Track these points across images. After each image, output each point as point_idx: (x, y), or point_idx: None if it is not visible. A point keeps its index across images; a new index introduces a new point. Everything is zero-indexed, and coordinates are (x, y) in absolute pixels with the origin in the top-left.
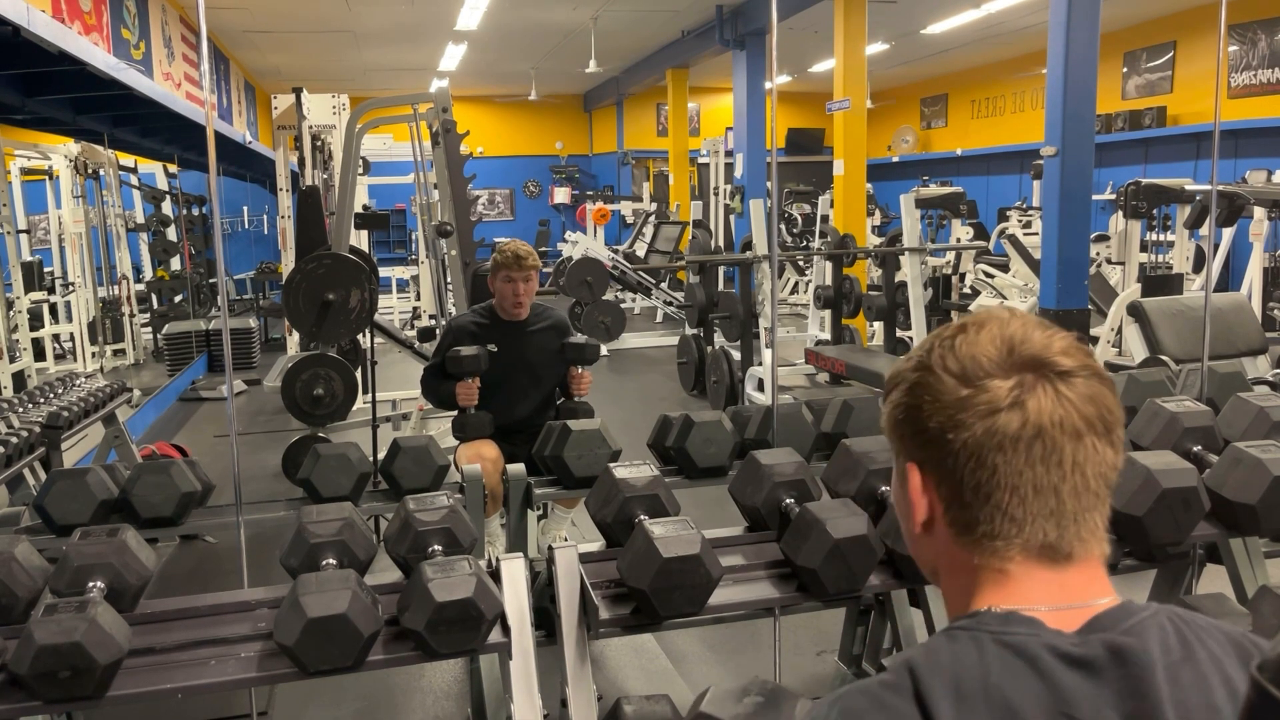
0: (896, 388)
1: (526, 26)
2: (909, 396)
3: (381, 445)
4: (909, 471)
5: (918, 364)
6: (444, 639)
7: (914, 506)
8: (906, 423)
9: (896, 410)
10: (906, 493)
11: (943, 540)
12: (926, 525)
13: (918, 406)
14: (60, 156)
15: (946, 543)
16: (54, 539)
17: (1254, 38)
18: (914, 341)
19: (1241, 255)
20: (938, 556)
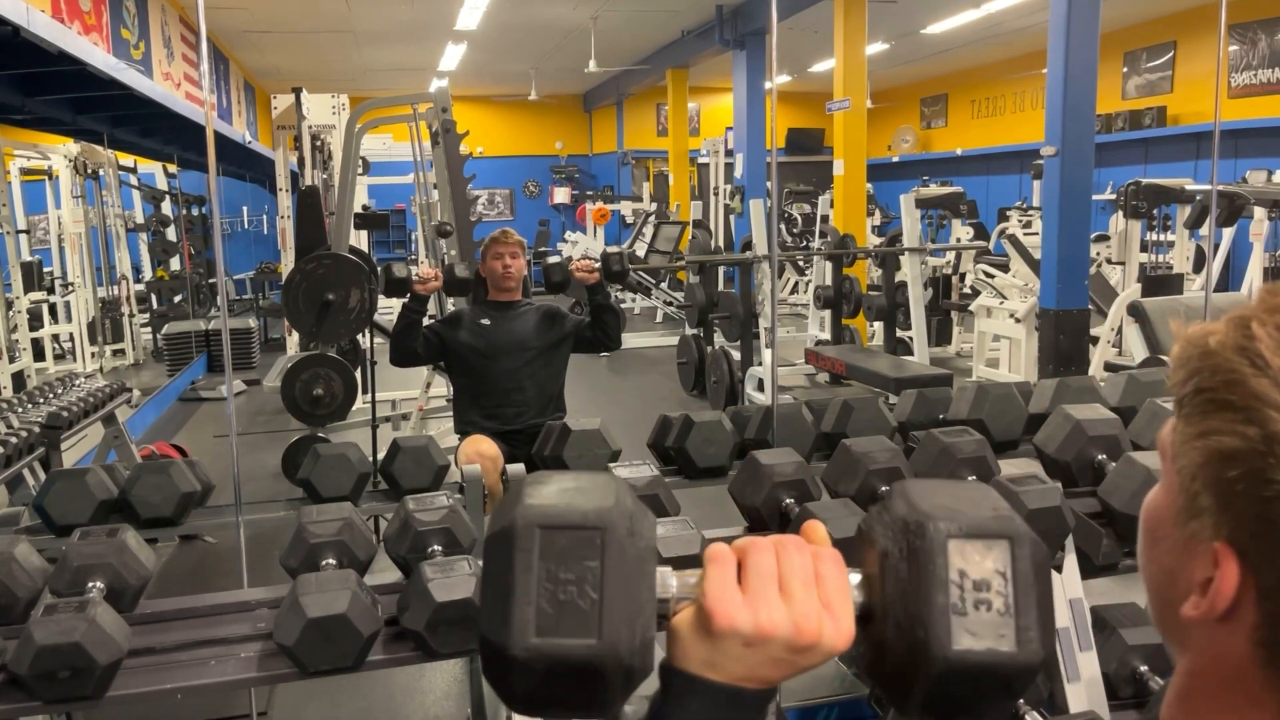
0: (1233, 412)
1: (526, 26)
2: (1261, 445)
3: (381, 445)
4: (1220, 555)
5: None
6: (444, 639)
7: (1207, 599)
8: (1240, 491)
9: (1223, 460)
10: (1196, 570)
11: (1229, 648)
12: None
13: (1264, 473)
14: (60, 156)
15: (1236, 656)
16: (54, 539)
17: (1254, 38)
18: (914, 342)
19: (1242, 255)
20: (1210, 655)
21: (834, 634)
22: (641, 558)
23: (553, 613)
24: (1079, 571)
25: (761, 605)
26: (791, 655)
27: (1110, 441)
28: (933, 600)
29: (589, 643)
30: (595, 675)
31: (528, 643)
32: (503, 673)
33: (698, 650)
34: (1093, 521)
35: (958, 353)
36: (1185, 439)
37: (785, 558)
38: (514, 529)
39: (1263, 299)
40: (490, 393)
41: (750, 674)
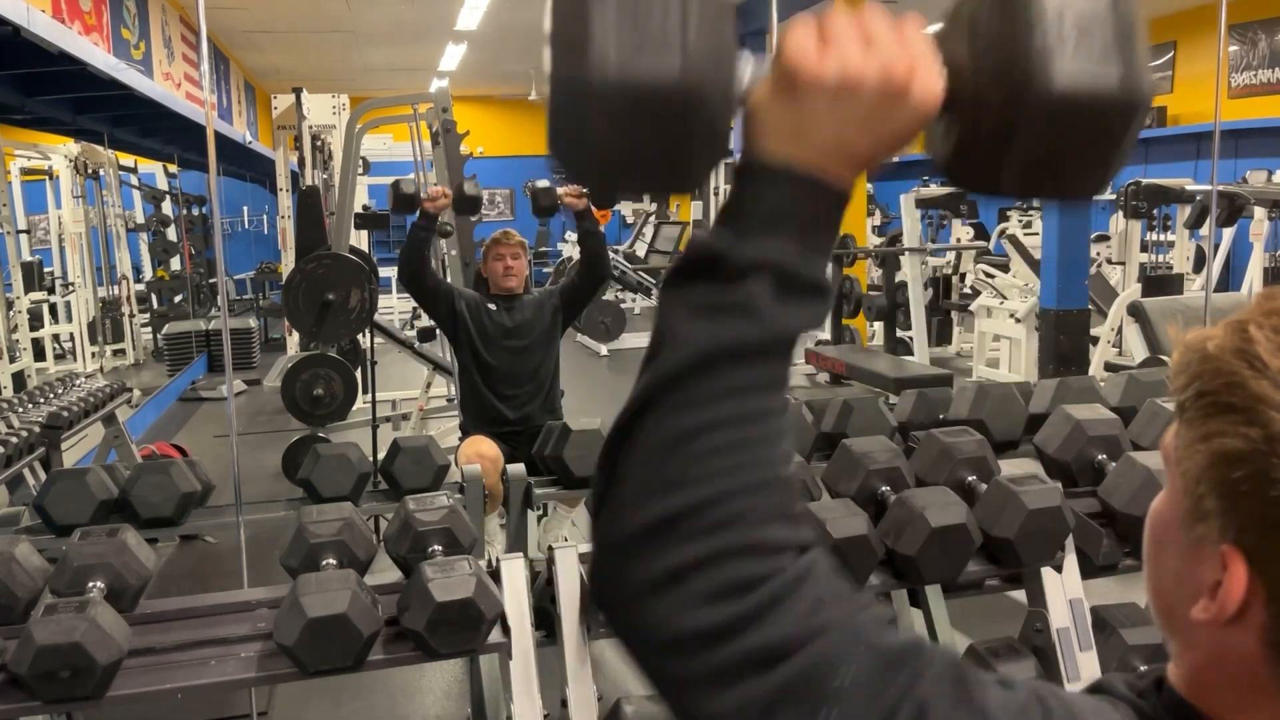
0: (1235, 414)
1: (526, 26)
2: (1264, 445)
3: (381, 445)
4: (1228, 558)
5: None
6: (444, 639)
7: (1216, 602)
8: (1246, 492)
9: (1227, 462)
10: (1204, 573)
11: (1238, 648)
12: (1225, 622)
13: (1268, 473)
14: (60, 156)
15: (1245, 655)
16: (54, 539)
17: (1254, 38)
18: (914, 342)
19: (1242, 255)
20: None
21: (924, 82)
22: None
23: (635, 38)
24: (1079, 571)
25: (849, 51)
26: (881, 110)
27: (1110, 441)
28: (1031, 40)
29: (675, 68)
30: (679, 114)
31: (609, 66)
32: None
33: (779, 118)
34: (1093, 521)
35: (958, 353)
36: (1188, 443)
37: (865, 13)
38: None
39: (1259, 303)
40: (494, 381)
41: (836, 141)
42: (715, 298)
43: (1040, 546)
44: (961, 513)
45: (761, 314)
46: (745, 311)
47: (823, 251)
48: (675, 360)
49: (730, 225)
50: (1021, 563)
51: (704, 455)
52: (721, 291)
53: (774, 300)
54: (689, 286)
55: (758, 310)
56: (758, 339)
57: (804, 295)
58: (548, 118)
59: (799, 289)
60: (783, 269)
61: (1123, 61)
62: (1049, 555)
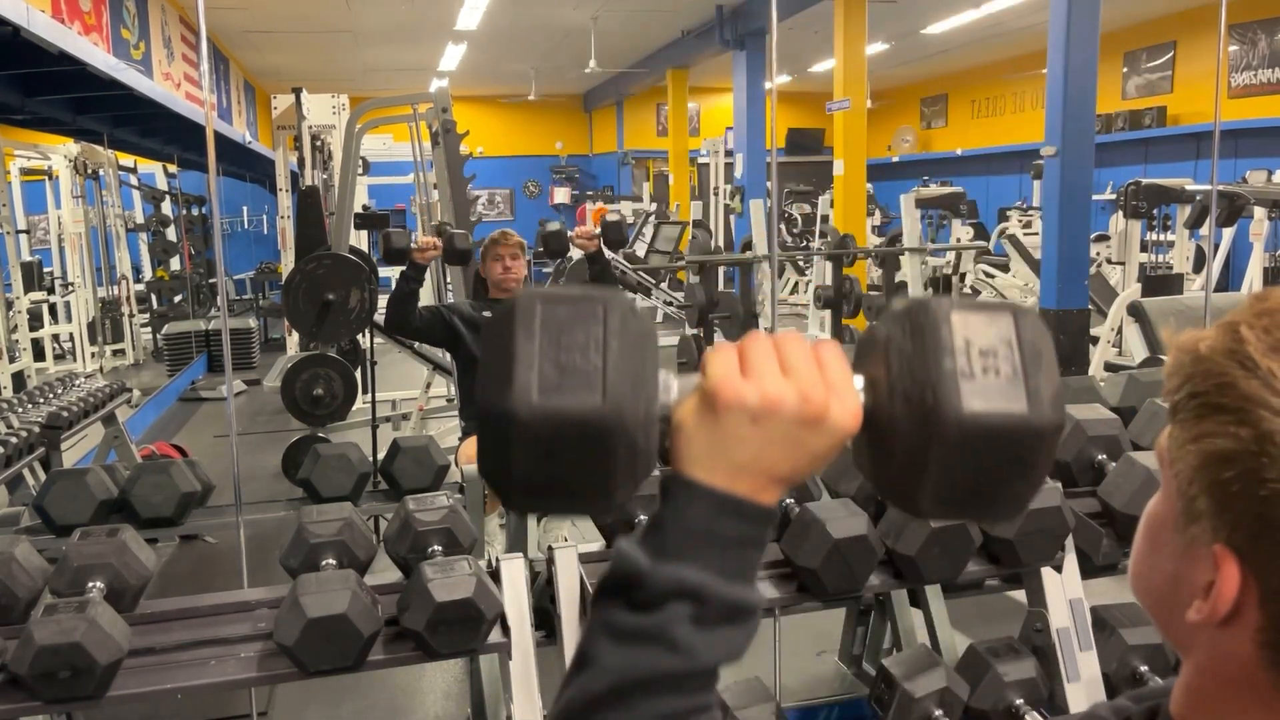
0: (1226, 415)
1: (526, 26)
2: (1254, 445)
3: (381, 445)
4: (1220, 558)
5: (1272, 391)
6: (444, 639)
7: (1209, 603)
8: (1236, 492)
9: (1218, 463)
10: (1198, 574)
11: (1234, 650)
12: (1218, 623)
13: (1258, 473)
14: (60, 157)
15: (1241, 657)
16: (54, 539)
17: (1254, 38)
18: None
19: (1242, 255)
20: (1216, 658)
21: (841, 409)
22: (645, 335)
23: (556, 376)
24: (1079, 571)
25: (766, 378)
26: (800, 431)
27: (1110, 441)
28: (941, 365)
29: (594, 403)
30: (600, 443)
31: (531, 403)
32: (503, 447)
33: (701, 440)
34: (1093, 521)
35: None
36: (1180, 444)
37: (784, 343)
38: (515, 304)
39: (1252, 303)
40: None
41: (756, 460)
42: (631, 623)
43: (1040, 546)
44: None
45: (678, 644)
46: (661, 641)
47: (746, 572)
48: (592, 687)
49: (650, 544)
50: (1021, 563)
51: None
52: (638, 617)
53: (692, 628)
54: (610, 606)
55: (674, 640)
56: (674, 671)
57: (725, 621)
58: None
59: (719, 615)
60: (701, 595)
61: (1027, 391)
62: (1049, 555)
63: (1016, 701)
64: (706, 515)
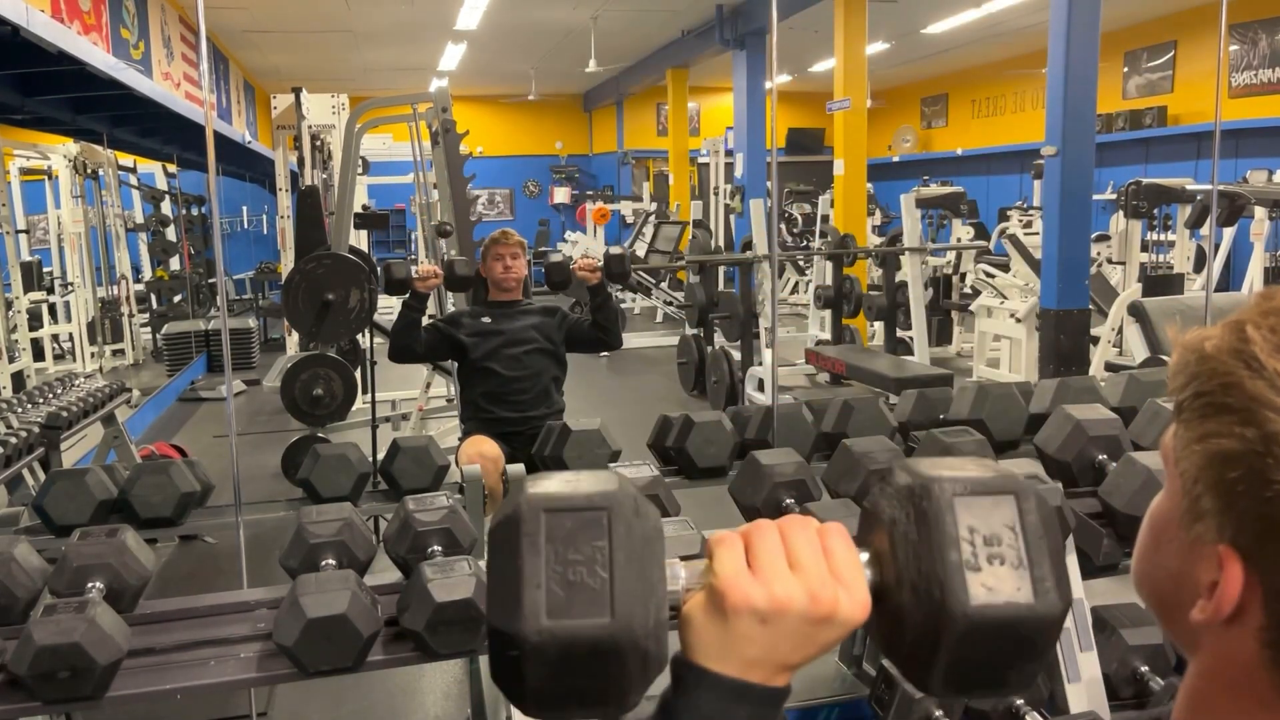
0: (1231, 415)
1: (526, 26)
2: (1259, 445)
3: (381, 445)
4: (1224, 558)
5: (1277, 391)
6: (444, 639)
7: (1213, 602)
8: (1241, 492)
9: (1223, 462)
10: (1202, 574)
11: (1238, 650)
12: (1222, 622)
13: (1263, 473)
14: (59, 156)
15: (1245, 657)
16: (53, 539)
17: (1254, 37)
18: (914, 342)
19: (1242, 255)
20: (1220, 658)
21: (850, 603)
22: (649, 538)
23: (563, 594)
24: (1079, 571)
25: (775, 579)
26: (809, 628)
27: (1111, 442)
28: (946, 558)
29: (603, 622)
30: (611, 658)
31: (540, 626)
32: (514, 665)
33: (711, 635)
34: (1093, 522)
35: (958, 353)
36: (1185, 443)
37: (791, 535)
38: (519, 515)
39: (1257, 302)
40: (492, 391)
41: (767, 656)
42: None
43: None
44: None
45: None
46: None
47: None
48: None
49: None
50: None
51: None
52: None
53: None
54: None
55: None
56: None
57: None
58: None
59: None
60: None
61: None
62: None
63: (1017, 702)
64: (719, 703)
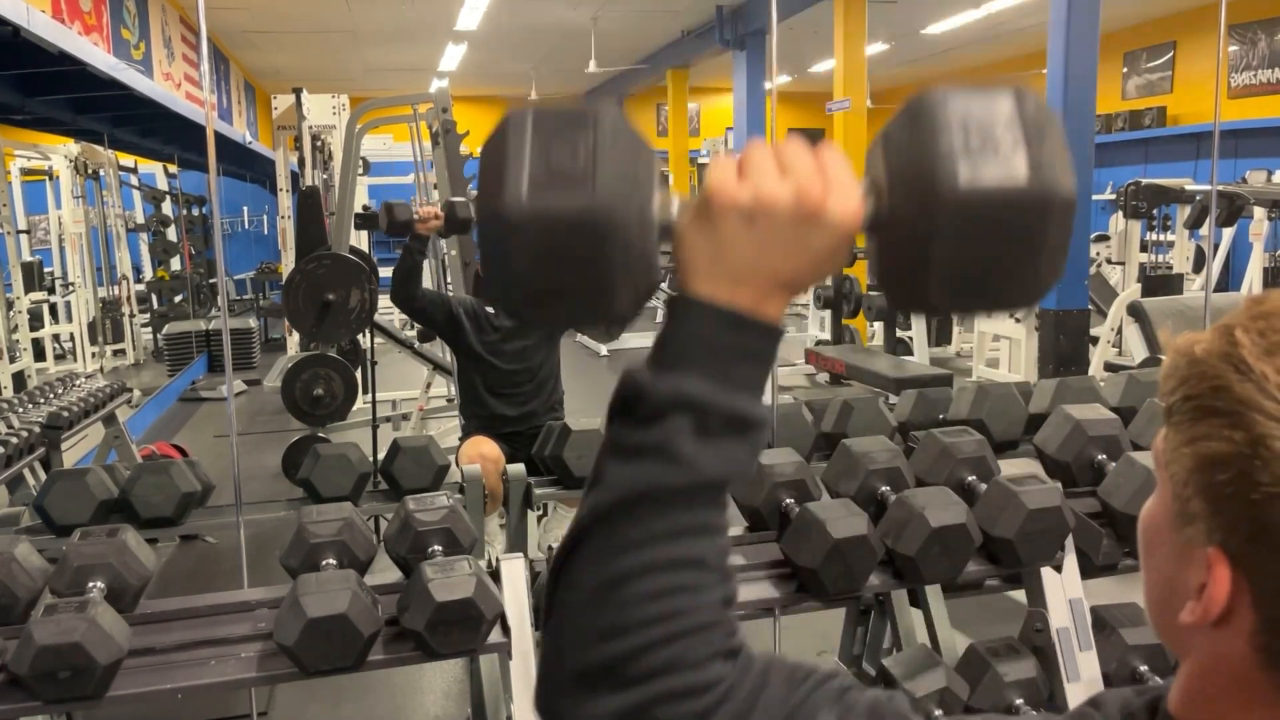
0: (1220, 418)
1: (526, 26)
2: (1247, 449)
3: (381, 445)
4: (1213, 561)
5: (1265, 395)
6: (444, 639)
7: (1201, 604)
8: (1230, 495)
9: (1211, 465)
10: (1192, 576)
11: (1230, 651)
12: (1212, 624)
13: (1251, 476)
14: (60, 157)
15: (1236, 658)
16: (54, 539)
17: (1254, 38)
18: (914, 342)
19: (1242, 255)
20: (1211, 659)
21: (839, 202)
22: (637, 143)
23: (546, 176)
24: (1079, 571)
25: (761, 178)
26: (798, 229)
27: (1110, 441)
28: (937, 147)
29: (584, 198)
30: (593, 240)
31: (521, 204)
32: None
33: (702, 247)
34: (1093, 522)
35: (958, 353)
36: (1175, 446)
37: (783, 146)
38: (507, 120)
39: (1248, 307)
40: (491, 385)
41: (756, 263)
42: (634, 438)
43: (1040, 546)
44: (961, 513)
45: (680, 457)
46: (663, 455)
47: (749, 386)
48: (603, 502)
49: (653, 360)
50: (1021, 563)
51: (636, 601)
52: (640, 432)
53: (694, 441)
54: (616, 423)
55: (676, 453)
56: (677, 484)
57: (727, 433)
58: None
59: (721, 427)
60: (701, 406)
61: (1030, 160)
62: (1049, 555)
63: (1017, 701)
64: (706, 328)
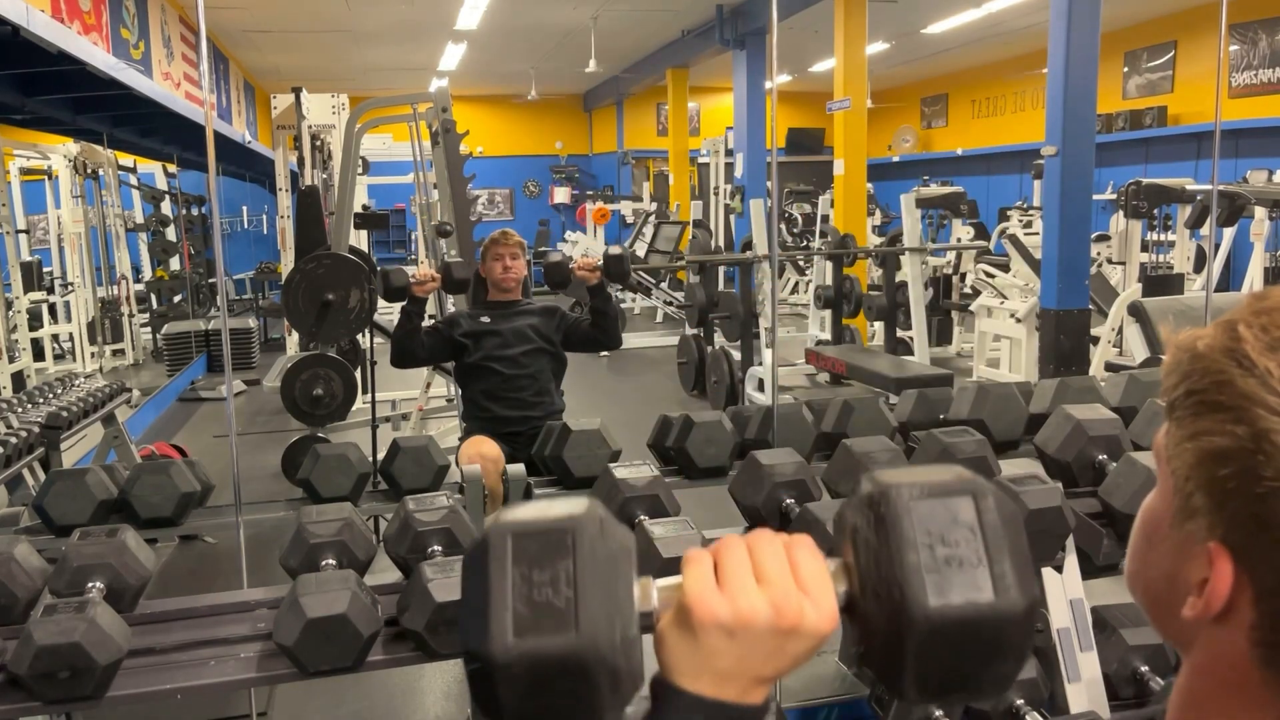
0: (1223, 413)
1: (526, 26)
2: (1250, 443)
3: (381, 445)
4: (1215, 555)
5: (1268, 390)
6: (444, 639)
7: (1203, 599)
8: (1232, 490)
9: (1214, 460)
10: (1193, 571)
11: (1229, 647)
12: (1212, 619)
13: (1254, 470)
14: (59, 156)
15: (1235, 654)
16: (53, 539)
17: (1254, 37)
18: (914, 342)
19: (1242, 255)
20: (1211, 655)
21: (815, 614)
22: (615, 557)
23: (529, 613)
24: (1079, 571)
25: (739, 593)
26: (777, 641)
27: (1111, 441)
28: (904, 561)
29: (567, 638)
30: (580, 675)
31: (507, 645)
32: (489, 685)
33: (684, 652)
34: (1093, 522)
35: (958, 353)
36: (1177, 441)
37: (757, 548)
38: (487, 540)
39: (1250, 302)
40: (491, 389)
41: (738, 668)
42: None
43: (1040, 546)
44: None
45: None
46: None
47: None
48: None
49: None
50: None
51: None
52: None
53: None
54: None
55: None
56: None
57: None
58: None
59: None
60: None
61: (994, 575)
62: (1049, 555)
63: (1017, 702)
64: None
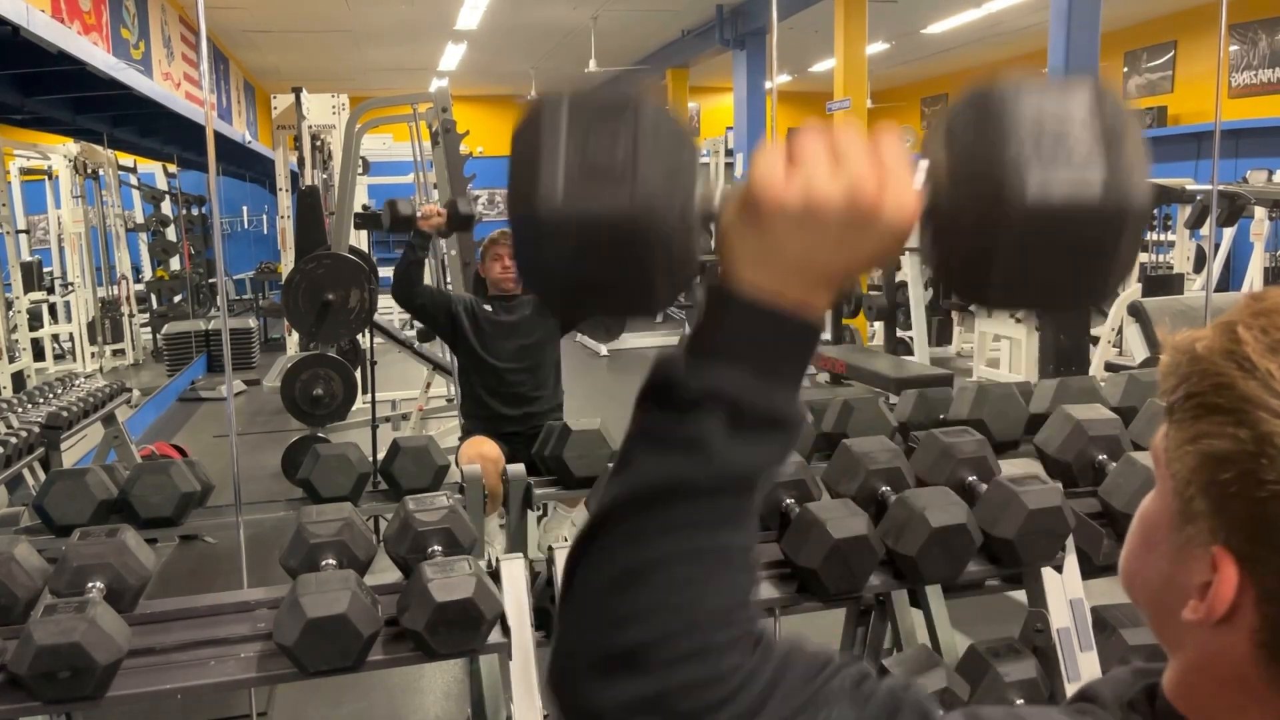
0: (1223, 415)
1: (526, 26)
2: (1252, 446)
3: (381, 445)
4: (1218, 560)
5: (1270, 392)
6: (444, 639)
7: (1206, 603)
8: (1234, 494)
9: (1215, 464)
10: (1194, 574)
11: (1229, 648)
12: (1214, 622)
13: (1256, 474)
14: (60, 156)
15: (1236, 655)
16: (53, 539)
17: (1254, 38)
18: (914, 342)
19: (1242, 255)
20: (1209, 656)
21: (896, 198)
22: (679, 139)
23: (583, 172)
24: (1079, 572)
25: (813, 173)
26: (851, 230)
27: (1111, 442)
28: (1004, 152)
29: (622, 201)
30: (632, 243)
31: (555, 207)
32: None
33: (746, 244)
34: (1093, 522)
35: (958, 353)
36: (1177, 444)
37: (835, 131)
38: (540, 106)
39: (1248, 304)
40: (490, 384)
41: (807, 261)
42: (666, 429)
43: (1040, 546)
44: (962, 513)
45: (711, 451)
46: (694, 448)
47: (786, 383)
48: (629, 489)
49: (689, 350)
50: (1022, 563)
51: (658, 590)
52: (673, 422)
53: (727, 436)
54: (648, 410)
55: (707, 447)
56: (707, 478)
57: (761, 430)
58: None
59: (755, 423)
60: (736, 402)
61: (1107, 168)
62: (1049, 555)
63: (1018, 702)
64: (748, 323)
